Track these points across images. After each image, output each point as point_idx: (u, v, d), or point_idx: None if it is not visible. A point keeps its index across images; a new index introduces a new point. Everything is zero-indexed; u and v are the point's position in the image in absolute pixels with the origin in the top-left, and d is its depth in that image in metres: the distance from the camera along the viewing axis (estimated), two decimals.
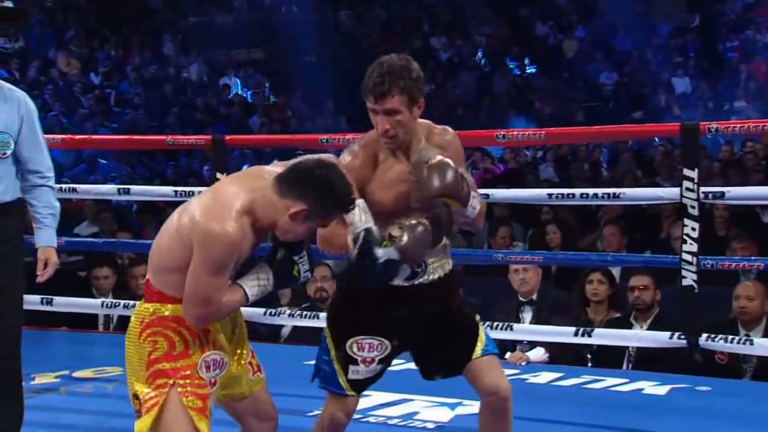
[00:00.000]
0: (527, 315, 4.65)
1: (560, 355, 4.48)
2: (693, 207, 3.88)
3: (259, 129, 12.48)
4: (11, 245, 3.00)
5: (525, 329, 4.39)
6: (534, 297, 4.66)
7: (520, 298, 4.68)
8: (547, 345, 4.43)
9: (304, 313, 4.53)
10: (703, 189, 3.89)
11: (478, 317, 2.73)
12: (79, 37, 14.04)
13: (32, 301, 4.43)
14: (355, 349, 2.58)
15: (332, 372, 2.60)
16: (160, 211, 7.18)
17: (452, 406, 3.69)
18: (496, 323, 4.23)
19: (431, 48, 14.38)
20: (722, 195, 3.98)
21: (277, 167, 2.36)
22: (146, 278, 2.40)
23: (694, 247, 3.88)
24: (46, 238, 3.12)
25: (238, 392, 2.48)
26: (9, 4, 4.88)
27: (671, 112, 12.20)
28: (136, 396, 2.34)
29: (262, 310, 4.46)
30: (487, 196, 4.40)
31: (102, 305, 4.90)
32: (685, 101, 12.61)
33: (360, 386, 2.62)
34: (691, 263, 3.89)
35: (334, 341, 2.61)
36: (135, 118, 12.42)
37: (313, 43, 13.87)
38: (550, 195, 4.40)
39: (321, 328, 2.72)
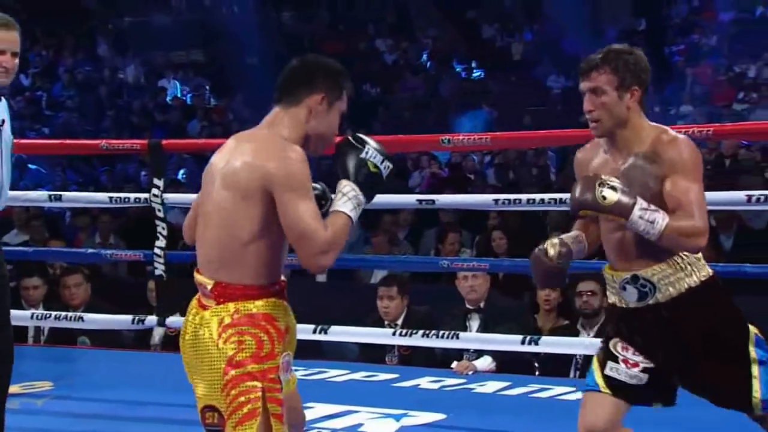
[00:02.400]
0: (474, 323, 4.60)
1: (508, 364, 4.42)
2: None
3: (199, 133, 12.31)
4: None
5: (471, 338, 4.36)
6: (482, 305, 4.61)
7: (468, 306, 4.63)
8: (494, 354, 4.37)
9: None
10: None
11: (754, 350, 2.37)
12: None
13: None
14: (619, 348, 2.43)
15: (591, 371, 2.47)
16: (94, 218, 7.00)
17: (397, 418, 3.63)
18: (442, 332, 4.19)
19: (377, 50, 14.33)
20: None
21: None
22: (212, 284, 2.19)
23: None
24: None
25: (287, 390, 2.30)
26: None
27: None
28: (212, 408, 2.15)
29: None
30: (432, 201, 4.35)
31: (32, 317, 4.72)
32: None
33: (619, 389, 2.41)
34: None
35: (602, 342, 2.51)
36: (68, 121, 12.17)
37: (256, 44, 13.68)
38: (496, 200, 4.33)
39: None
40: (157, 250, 4.65)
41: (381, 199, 4.56)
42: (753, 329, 2.40)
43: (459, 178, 9.53)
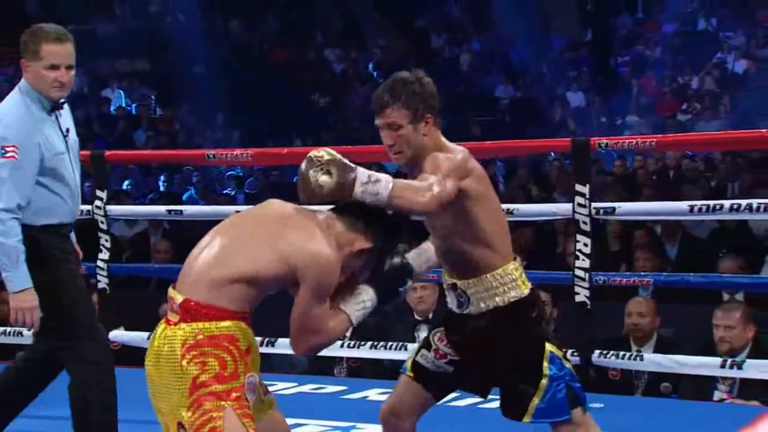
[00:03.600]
0: (423, 334, 4.57)
1: None
2: (585, 222, 3.90)
3: (145, 143, 12.15)
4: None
5: None
6: (430, 315, 4.60)
7: (417, 317, 4.61)
8: None
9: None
10: (594, 204, 3.90)
11: (547, 366, 2.48)
12: None
13: None
14: (435, 338, 2.57)
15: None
16: None
17: (346, 430, 3.62)
18: (390, 343, 4.18)
19: (326, 59, 14.29)
20: (613, 210, 3.99)
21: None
22: (182, 299, 2.23)
23: (587, 263, 3.90)
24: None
25: (263, 414, 2.37)
26: None
27: (566, 126, 12.40)
28: (181, 425, 2.21)
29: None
30: None
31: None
32: (579, 115, 12.85)
33: (422, 375, 2.56)
34: (583, 279, 3.91)
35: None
36: None
37: (203, 52, 13.55)
38: None
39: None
40: (100, 263, 4.57)
41: (329, 208, 4.58)
42: (549, 347, 2.50)
43: None
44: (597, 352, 3.92)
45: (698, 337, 4.34)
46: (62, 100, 3.08)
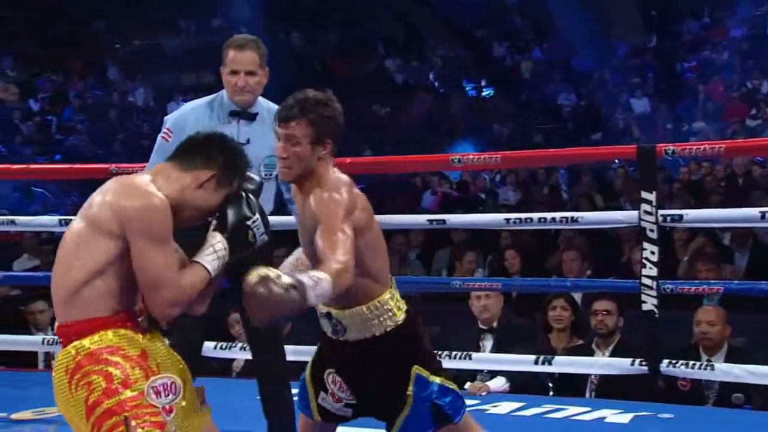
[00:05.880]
0: (488, 343, 4.56)
1: (522, 385, 4.38)
2: (652, 230, 3.83)
3: None
4: None
5: (484, 358, 4.32)
6: (495, 324, 4.57)
7: (481, 326, 4.59)
8: (508, 374, 4.33)
9: None
10: (661, 212, 3.84)
11: (411, 389, 2.46)
12: (16, 62, 13.81)
13: None
14: (329, 381, 2.53)
15: (302, 394, 2.57)
16: None
17: None
18: (454, 352, 4.14)
19: (386, 70, 14.34)
20: (680, 218, 3.93)
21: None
22: (57, 326, 2.19)
23: (654, 271, 3.83)
24: None
25: (196, 422, 2.25)
26: None
27: (630, 133, 12.24)
28: None
29: (212, 344, 4.30)
30: (443, 221, 4.32)
31: (42, 342, 4.70)
32: (644, 122, 12.67)
33: (329, 417, 2.55)
34: (651, 287, 3.84)
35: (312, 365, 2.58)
36: (78, 145, 12.20)
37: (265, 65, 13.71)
38: (507, 220, 4.31)
39: None
40: None
41: (392, 219, 4.60)
42: (416, 369, 2.48)
43: (470, 198, 9.51)
44: (666, 361, 3.84)
45: None
46: (255, 111, 3.23)
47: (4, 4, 14.31)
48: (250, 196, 2.29)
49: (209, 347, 4.27)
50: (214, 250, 2.19)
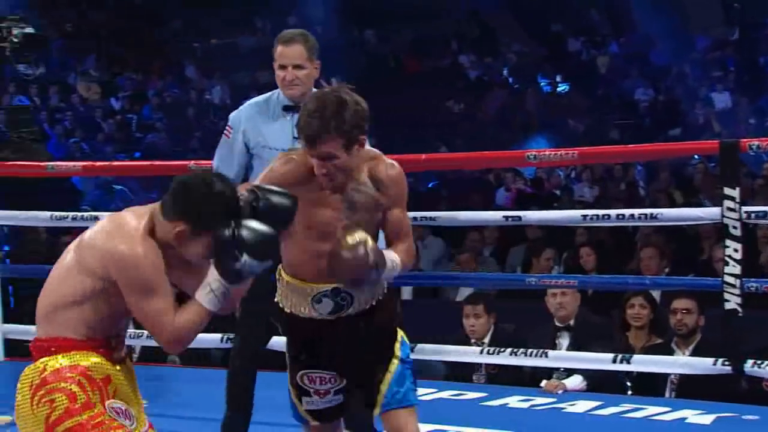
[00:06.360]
0: (564, 341, 4.52)
1: (599, 383, 4.32)
2: (735, 227, 3.74)
3: None
4: None
5: (561, 356, 4.27)
6: (571, 322, 4.53)
7: (557, 323, 4.55)
8: (584, 372, 4.28)
9: None
10: (745, 208, 3.75)
11: (399, 348, 2.49)
12: (99, 61, 14.14)
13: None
14: (306, 382, 2.50)
15: (292, 403, 2.56)
16: None
17: None
18: (530, 350, 4.11)
19: (460, 66, 14.27)
20: (765, 214, 3.84)
21: None
22: (33, 339, 2.20)
23: (737, 269, 3.74)
24: None
25: None
26: (30, 30, 4.87)
27: (710, 128, 11.96)
28: None
29: (218, 336, 4.29)
30: (518, 218, 4.29)
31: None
32: (725, 117, 12.35)
33: (324, 416, 2.53)
34: (734, 286, 3.75)
35: (289, 371, 2.55)
36: (157, 142, 12.42)
37: (339, 63, 13.78)
38: (584, 216, 4.25)
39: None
40: None
41: (466, 216, 4.58)
42: (401, 332, 2.50)
43: (544, 194, 9.42)
44: (750, 361, 3.75)
45: None
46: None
47: (87, 7, 14.70)
48: (241, 233, 2.13)
49: (215, 339, 4.29)
50: (211, 288, 2.18)
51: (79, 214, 4.79)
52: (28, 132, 5.22)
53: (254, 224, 2.15)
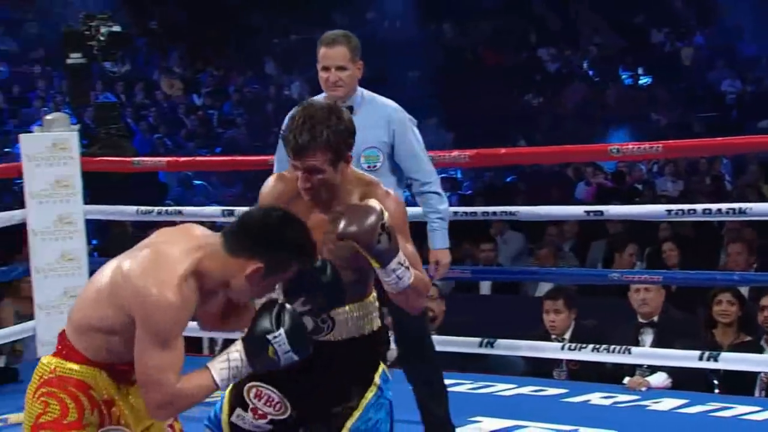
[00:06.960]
0: (647, 338, 4.44)
1: (684, 381, 4.23)
2: None
3: None
4: None
5: (645, 353, 4.20)
6: (655, 319, 4.44)
7: (640, 320, 4.47)
8: (669, 370, 4.20)
9: None
10: None
11: (379, 377, 2.37)
12: (182, 59, 14.39)
13: None
14: (251, 395, 2.34)
15: (218, 408, 2.39)
16: None
17: None
18: (613, 346, 4.06)
19: (539, 59, 14.11)
20: None
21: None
22: (61, 330, 2.15)
23: None
24: (435, 242, 3.36)
25: None
26: (117, 29, 4.97)
27: None
28: None
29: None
30: (600, 212, 4.22)
31: None
32: None
33: None
34: None
35: None
36: (237, 138, 12.57)
37: (417, 57, 13.75)
38: (669, 211, 4.16)
39: None
40: None
41: (548, 210, 4.52)
42: (383, 366, 2.40)
43: (625, 189, 9.26)
44: None
45: None
46: (350, 105, 3.27)
47: (171, 4, 14.99)
48: (286, 306, 2.04)
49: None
50: (228, 359, 2.01)
51: (164, 208, 4.90)
52: (116, 128, 5.34)
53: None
